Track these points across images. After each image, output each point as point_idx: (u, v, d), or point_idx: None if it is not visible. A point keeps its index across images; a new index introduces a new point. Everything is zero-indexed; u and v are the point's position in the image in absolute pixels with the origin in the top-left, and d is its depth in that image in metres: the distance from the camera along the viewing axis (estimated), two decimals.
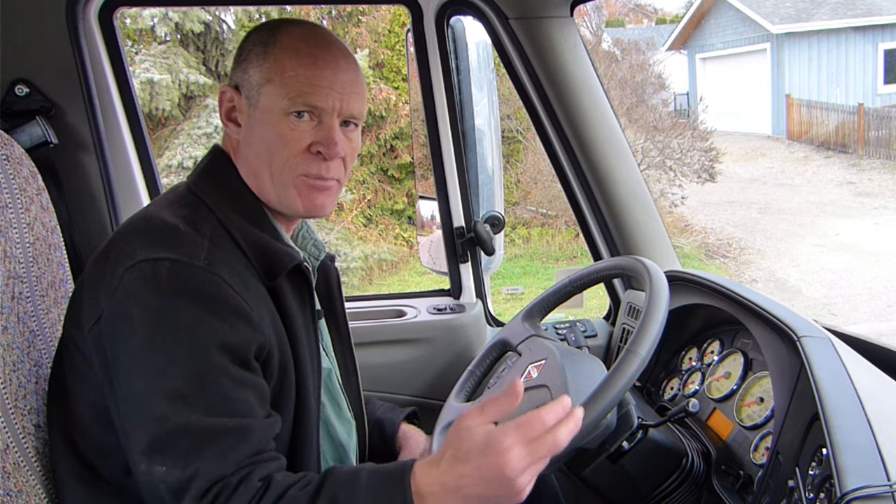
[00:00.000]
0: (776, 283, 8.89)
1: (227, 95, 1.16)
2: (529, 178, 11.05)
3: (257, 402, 1.03)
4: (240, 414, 1.00)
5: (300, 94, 1.10)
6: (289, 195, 1.14)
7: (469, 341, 2.02)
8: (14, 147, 1.23)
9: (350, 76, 1.15)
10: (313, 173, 1.14)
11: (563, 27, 1.80)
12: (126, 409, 1.00)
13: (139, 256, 1.01)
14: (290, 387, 1.13)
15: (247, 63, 1.14)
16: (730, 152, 13.77)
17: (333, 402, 1.32)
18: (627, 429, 1.25)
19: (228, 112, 1.17)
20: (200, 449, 0.96)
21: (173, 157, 8.80)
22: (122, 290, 0.99)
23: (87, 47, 1.72)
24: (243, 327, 1.03)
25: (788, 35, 16.90)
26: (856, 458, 0.95)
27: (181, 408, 0.96)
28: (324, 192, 1.16)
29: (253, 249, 1.11)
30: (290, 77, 1.10)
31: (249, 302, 1.04)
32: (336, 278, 1.38)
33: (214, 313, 1.00)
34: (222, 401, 0.99)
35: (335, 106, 1.12)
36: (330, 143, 1.12)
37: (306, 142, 1.12)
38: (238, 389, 1.01)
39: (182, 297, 0.99)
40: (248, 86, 1.13)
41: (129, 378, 0.99)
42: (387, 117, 10.74)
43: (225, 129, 1.19)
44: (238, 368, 1.02)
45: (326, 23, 11.50)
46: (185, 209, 1.11)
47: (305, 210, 1.16)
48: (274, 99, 1.11)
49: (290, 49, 1.11)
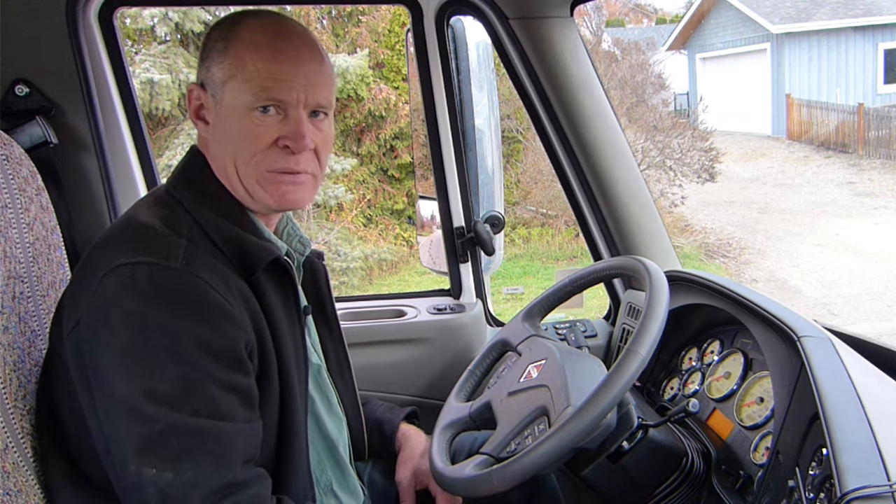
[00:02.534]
0: (776, 283, 8.89)
1: (195, 94, 1.16)
2: (529, 178, 11.05)
3: (243, 406, 1.03)
4: (227, 418, 1.00)
5: (263, 89, 1.09)
6: (255, 191, 1.13)
7: (469, 341, 2.01)
8: (14, 147, 1.23)
9: (313, 66, 1.12)
10: (281, 168, 1.12)
11: (563, 27, 1.79)
12: (110, 413, 0.99)
13: (117, 261, 1.00)
14: (273, 383, 1.12)
15: (209, 60, 1.13)
16: (730, 152, 13.77)
17: (323, 398, 1.32)
18: (627, 429, 1.25)
19: (197, 110, 1.16)
20: (192, 452, 0.96)
21: (173, 157, 8.81)
22: (101, 295, 0.99)
23: (87, 47, 1.72)
24: (227, 327, 1.02)
25: (788, 35, 16.90)
26: (856, 458, 0.95)
27: (168, 410, 0.96)
28: (295, 185, 1.14)
29: (230, 246, 1.10)
30: (251, 72, 1.09)
31: (230, 300, 1.04)
32: (324, 275, 1.38)
33: (196, 316, 1.00)
34: (209, 405, 0.99)
35: (300, 98, 1.10)
36: (297, 136, 1.11)
37: (272, 136, 1.11)
38: (223, 393, 1.00)
39: (162, 300, 0.99)
40: (212, 83, 1.12)
41: (111, 383, 0.98)
42: (387, 117, 10.73)
43: (196, 128, 1.18)
44: (225, 371, 1.01)
45: (326, 23, 11.51)
46: (162, 210, 1.11)
47: (277, 204, 1.15)
48: (237, 95, 1.10)
49: (250, 43, 1.10)
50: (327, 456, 1.32)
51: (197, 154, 1.19)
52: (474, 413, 1.38)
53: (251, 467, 1.05)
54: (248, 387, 1.06)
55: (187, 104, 1.18)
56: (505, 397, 1.33)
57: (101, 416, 1.00)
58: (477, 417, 1.38)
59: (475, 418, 1.38)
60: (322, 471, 1.31)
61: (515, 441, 1.22)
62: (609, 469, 1.26)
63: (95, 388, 1.00)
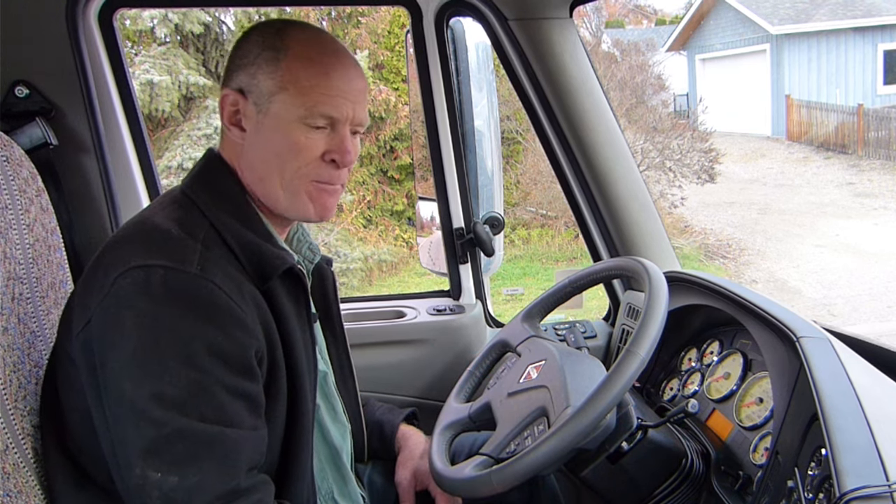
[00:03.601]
0: (776, 284, 8.89)
1: (231, 99, 1.15)
2: (529, 180, 11.05)
3: (250, 413, 1.03)
4: (234, 425, 1.00)
5: (316, 104, 1.10)
6: (300, 201, 1.15)
7: (469, 342, 2.02)
8: (14, 148, 1.23)
9: (360, 84, 1.16)
10: (325, 179, 1.15)
11: (563, 28, 1.80)
12: (118, 414, 0.99)
13: (132, 263, 1.00)
14: (282, 390, 1.12)
15: (255, 68, 1.12)
16: (729, 153, 13.78)
17: (328, 405, 1.32)
18: (627, 429, 1.25)
19: (231, 116, 1.15)
20: (197, 457, 0.96)
21: (173, 159, 8.80)
22: (114, 295, 0.99)
23: (86, 48, 1.72)
24: (238, 333, 1.02)
25: (788, 36, 16.92)
26: (855, 459, 0.95)
27: (176, 415, 0.96)
28: (333, 195, 1.18)
29: (245, 253, 1.10)
30: (306, 87, 1.10)
31: (243, 307, 1.04)
32: (332, 281, 1.38)
33: (208, 321, 1.00)
34: (216, 411, 0.99)
35: (349, 115, 1.13)
36: (344, 151, 1.14)
37: (320, 150, 1.13)
38: (231, 400, 1.00)
39: (175, 304, 0.99)
40: (258, 92, 1.12)
41: (120, 383, 0.98)
42: (386, 118, 10.73)
43: (225, 133, 1.17)
44: (234, 377, 1.01)
45: (326, 24, 11.51)
46: (178, 213, 1.11)
47: (317, 215, 1.17)
48: (288, 108, 1.10)
49: (304, 57, 1.11)
50: (329, 464, 1.32)
51: (216, 158, 1.18)
52: (474, 414, 1.38)
53: (255, 474, 1.05)
54: (256, 394, 1.06)
55: (220, 109, 1.17)
56: (504, 398, 1.33)
57: (109, 417, 1.00)
58: (476, 418, 1.38)
59: (475, 419, 1.38)
60: (324, 478, 1.31)
61: (515, 442, 1.22)
62: (609, 470, 1.26)
63: (104, 388, 1.00)
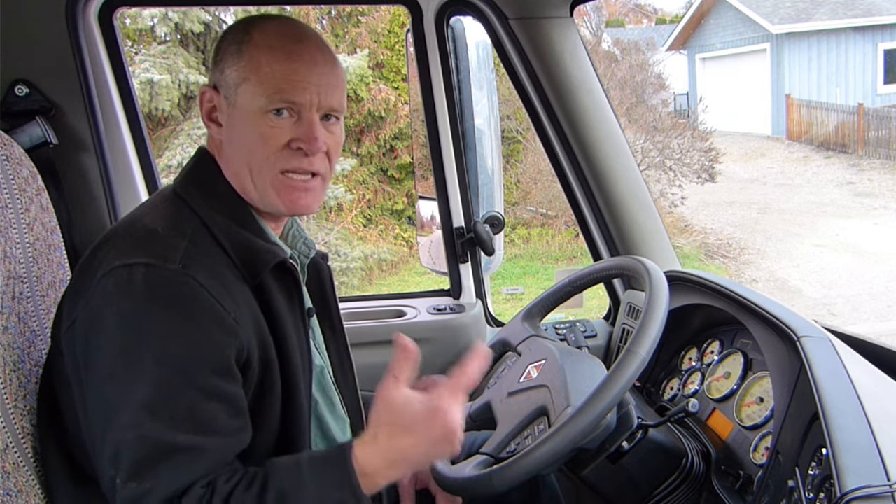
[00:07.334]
0: (776, 284, 8.89)
1: (207, 96, 1.16)
2: (529, 179, 11.05)
3: (226, 416, 1.02)
4: (202, 429, 0.99)
5: (277, 91, 1.10)
6: (269, 194, 1.14)
7: (469, 341, 2.01)
8: (14, 147, 1.23)
9: (327, 69, 1.14)
10: (293, 167, 1.13)
11: (563, 27, 1.80)
12: (94, 415, 1.00)
13: (116, 262, 1.00)
14: (275, 385, 1.12)
15: (223, 63, 1.14)
16: (729, 152, 13.77)
17: (326, 399, 1.32)
18: (627, 429, 1.25)
19: (209, 112, 1.17)
20: (156, 465, 0.96)
21: (173, 158, 8.80)
22: (98, 294, 1.00)
23: (86, 47, 1.72)
24: (218, 333, 1.02)
25: (788, 35, 16.91)
26: (855, 458, 0.95)
27: (145, 419, 0.96)
28: (306, 191, 1.15)
29: (236, 249, 1.10)
30: (266, 74, 1.09)
31: (226, 305, 1.03)
32: (329, 276, 1.38)
33: (189, 319, 1.00)
34: (187, 413, 0.98)
35: (313, 100, 1.12)
36: (310, 138, 1.12)
37: (286, 138, 1.12)
38: (205, 402, 1.00)
39: (155, 301, 0.99)
40: (226, 85, 1.13)
41: (98, 384, 0.99)
42: (386, 118, 10.73)
43: (208, 130, 1.19)
44: (210, 377, 1.01)
45: (326, 23, 11.51)
46: (167, 211, 1.11)
47: (287, 209, 1.16)
48: (251, 97, 1.10)
49: (264, 46, 1.11)
50: None
51: (206, 155, 1.19)
52: (474, 413, 1.38)
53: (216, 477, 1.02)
54: (234, 395, 1.04)
55: (199, 106, 1.18)
56: (505, 397, 1.33)
57: (89, 416, 1.01)
58: (477, 417, 1.38)
59: (475, 418, 1.38)
60: None
61: (515, 441, 1.22)
62: (609, 469, 1.26)
63: (87, 387, 1.01)
